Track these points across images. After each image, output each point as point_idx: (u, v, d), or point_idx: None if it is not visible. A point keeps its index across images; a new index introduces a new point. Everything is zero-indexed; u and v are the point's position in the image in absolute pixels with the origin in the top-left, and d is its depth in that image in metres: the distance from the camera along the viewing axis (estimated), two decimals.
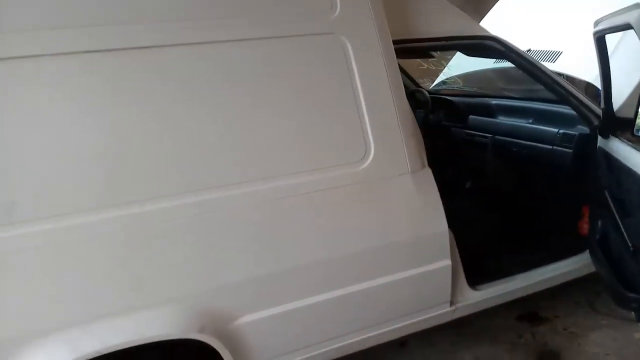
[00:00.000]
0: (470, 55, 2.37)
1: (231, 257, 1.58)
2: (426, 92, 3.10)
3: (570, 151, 2.35)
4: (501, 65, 3.03)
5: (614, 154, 2.02)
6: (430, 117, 3.24)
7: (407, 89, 3.46)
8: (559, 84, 2.17)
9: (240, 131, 1.57)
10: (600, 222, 2.17)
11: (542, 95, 2.58)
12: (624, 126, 2.13)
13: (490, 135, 2.87)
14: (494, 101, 3.15)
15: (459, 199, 3.10)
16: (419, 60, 3.34)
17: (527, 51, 3.00)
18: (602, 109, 2.16)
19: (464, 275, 2.07)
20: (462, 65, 3.40)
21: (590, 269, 2.37)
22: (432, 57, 2.87)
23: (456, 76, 3.45)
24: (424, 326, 2.06)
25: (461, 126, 3.13)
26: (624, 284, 1.79)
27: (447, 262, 1.93)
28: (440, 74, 3.54)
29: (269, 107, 1.61)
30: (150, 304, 1.48)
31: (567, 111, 2.37)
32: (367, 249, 1.76)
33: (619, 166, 1.92)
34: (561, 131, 2.44)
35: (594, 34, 1.92)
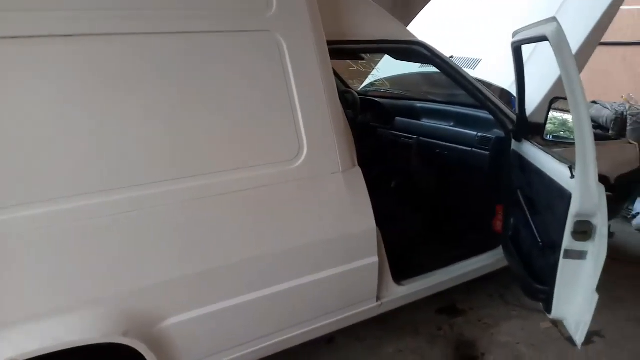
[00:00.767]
0: (399, 59, 2.47)
1: (155, 257, 1.53)
2: (355, 93, 3.19)
3: (487, 153, 2.53)
4: (426, 70, 3.19)
5: (525, 156, 2.21)
6: (358, 117, 3.33)
7: (337, 89, 3.54)
8: (478, 90, 2.33)
9: (168, 127, 1.53)
10: (512, 220, 2.36)
11: (463, 100, 2.75)
12: (535, 131, 2.34)
13: (415, 136, 3.01)
14: (419, 104, 3.31)
15: (385, 197, 3.23)
16: (350, 61, 3.42)
17: (450, 57, 3.17)
18: (516, 115, 2.34)
19: (390, 271, 2.16)
20: (390, 68, 3.53)
21: (502, 264, 2.57)
22: (362, 59, 2.95)
23: (384, 79, 3.57)
24: (352, 321, 2.12)
25: (388, 127, 3.25)
26: (533, 277, 1.96)
27: (375, 259, 2.00)
28: (369, 76, 3.65)
29: (199, 103, 1.58)
30: (69, 306, 1.40)
31: (485, 116, 2.54)
32: (298, 247, 1.79)
33: (530, 168, 2.10)
34: (479, 134, 2.61)
35: (512, 44, 2.08)
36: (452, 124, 3.01)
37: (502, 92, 2.80)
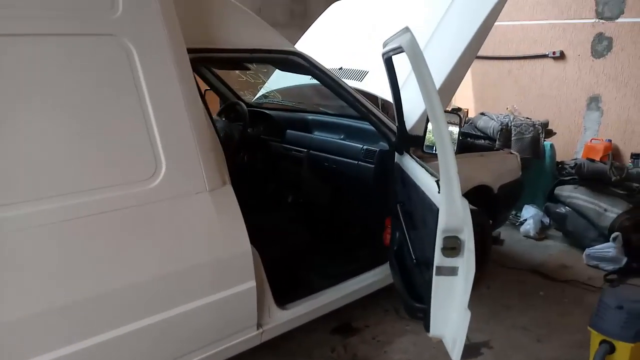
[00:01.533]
0: (279, 69, 2.39)
1: None
2: (244, 105, 3.07)
3: (372, 166, 2.52)
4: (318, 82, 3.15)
5: (405, 170, 2.21)
6: (248, 130, 3.21)
7: (227, 101, 3.41)
8: (359, 102, 2.30)
9: None
10: (397, 234, 2.35)
11: (354, 112, 2.73)
12: (416, 143, 2.36)
13: (305, 150, 2.94)
14: (311, 116, 3.26)
15: (277, 214, 3.14)
16: (238, 72, 3.31)
17: (339, 69, 3.16)
18: (396, 127, 2.35)
19: (272, 295, 2.05)
20: (281, 79, 3.46)
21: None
22: (247, 69, 2.85)
23: (276, 90, 3.49)
24: (231, 353, 1.97)
25: (279, 140, 3.16)
26: (411, 295, 1.95)
27: (251, 284, 1.87)
28: (262, 88, 3.55)
29: (32, 116, 1.38)
30: None
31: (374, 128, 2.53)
32: (161, 276, 1.62)
33: (409, 181, 2.09)
34: (365, 147, 2.60)
35: (382, 55, 2.07)
36: (342, 137, 2.99)
37: (389, 105, 2.82)
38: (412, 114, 2.52)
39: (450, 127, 2.35)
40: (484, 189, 3.00)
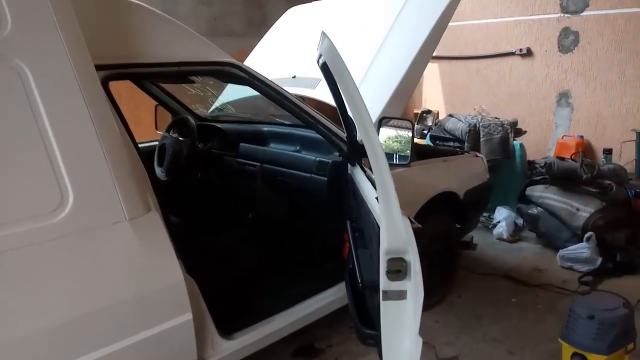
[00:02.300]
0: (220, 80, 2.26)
1: None
2: (192, 119, 2.92)
3: (325, 179, 2.39)
4: None
5: (356, 183, 2.08)
6: (199, 145, 3.06)
7: (177, 115, 3.26)
8: (304, 111, 2.18)
9: None
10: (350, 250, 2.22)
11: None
12: (366, 152, 2.23)
13: (258, 163, 2.80)
14: (266, 128, 3.13)
15: (229, 233, 3.00)
16: (185, 85, 3.16)
17: (293, 78, 3.04)
18: (346, 137, 2.22)
19: (215, 325, 1.90)
20: (235, 91, 3.32)
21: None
22: (190, 82, 2.70)
23: (230, 102, 3.35)
24: None
25: (232, 155, 3.01)
26: (362, 319, 1.81)
27: (187, 316, 1.72)
28: (216, 101, 3.41)
29: None
30: None
31: None
32: (77, 318, 1.46)
33: (359, 196, 1.96)
34: (317, 159, 2.47)
35: (317, 62, 1.94)
36: (297, 148, 2.86)
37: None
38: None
39: (402, 132, 2.24)
40: (449, 196, 2.88)
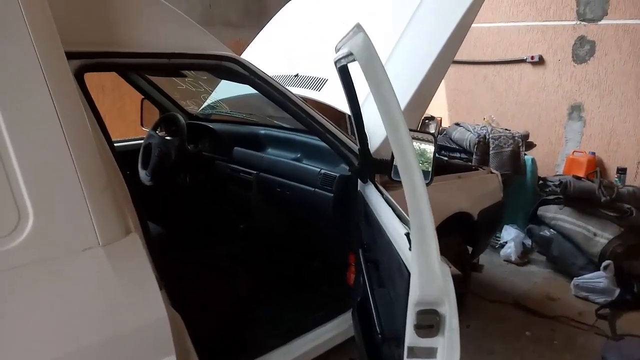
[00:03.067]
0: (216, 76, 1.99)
1: None
2: (181, 117, 2.65)
3: (331, 195, 2.14)
4: None
5: (369, 204, 1.83)
6: (189, 147, 2.79)
7: (165, 112, 2.98)
8: (311, 116, 1.93)
9: None
10: (361, 280, 1.97)
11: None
12: (382, 168, 1.99)
13: (254, 171, 2.54)
14: (263, 130, 2.86)
15: (219, 250, 2.74)
16: (176, 79, 2.89)
17: (295, 76, 2.78)
18: (358, 149, 1.98)
19: None
20: (229, 88, 3.05)
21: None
22: (182, 75, 2.43)
23: (222, 100, 3.08)
24: None
25: (225, 159, 2.75)
26: None
27: (171, 359, 1.46)
28: (209, 97, 3.13)
29: None
30: None
31: None
32: None
33: (373, 220, 1.72)
34: (322, 171, 2.22)
35: (335, 63, 1.69)
36: (298, 155, 2.60)
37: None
38: (378, 132, 2.16)
39: (422, 145, 2.00)
40: (462, 216, 2.65)
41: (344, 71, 1.67)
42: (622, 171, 4.22)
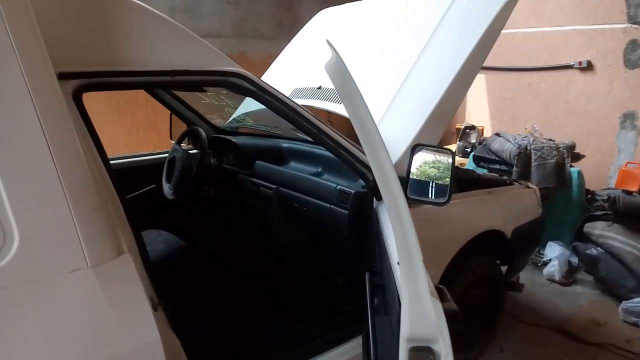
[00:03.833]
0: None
1: None
2: (203, 131, 2.65)
3: (346, 212, 2.06)
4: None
5: (380, 224, 1.74)
6: (211, 161, 2.79)
7: (191, 125, 3.00)
8: (321, 130, 1.86)
9: None
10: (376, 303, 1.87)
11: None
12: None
13: (274, 186, 2.50)
14: (285, 144, 2.82)
15: (235, 267, 2.71)
16: (199, 94, 2.91)
17: (318, 88, 2.74)
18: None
19: None
20: (253, 101, 3.03)
21: None
22: (200, 90, 2.43)
23: (246, 114, 3.07)
24: None
25: (247, 173, 2.72)
26: None
27: None
28: (230, 110, 3.13)
29: None
30: None
31: None
32: None
33: (382, 244, 1.62)
34: (338, 187, 2.15)
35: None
36: (319, 169, 2.54)
37: None
38: (396, 148, 2.08)
39: (441, 158, 1.88)
40: (493, 234, 2.50)
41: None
42: None
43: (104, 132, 3.69)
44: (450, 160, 1.83)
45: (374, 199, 1.95)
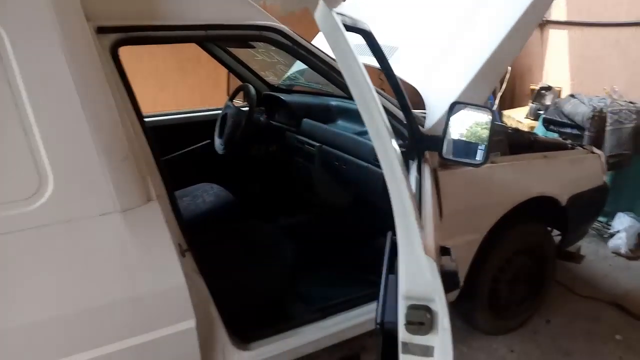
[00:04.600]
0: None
1: None
2: (252, 88, 2.69)
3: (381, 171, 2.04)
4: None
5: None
6: (261, 118, 2.84)
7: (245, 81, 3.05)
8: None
9: None
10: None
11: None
12: (432, 146, 1.85)
13: (317, 144, 2.51)
14: (334, 102, 2.81)
15: (278, 219, 2.78)
16: (251, 50, 2.93)
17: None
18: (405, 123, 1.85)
19: (227, 333, 1.70)
20: None
21: None
22: (249, 46, 2.45)
23: (298, 72, 3.06)
24: None
25: (294, 131, 2.75)
26: None
27: (190, 324, 1.53)
28: (282, 67, 3.14)
29: None
30: None
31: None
32: (53, 319, 1.32)
33: None
34: None
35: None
36: (365, 128, 2.51)
37: None
38: (438, 107, 2.00)
39: (481, 116, 1.79)
40: (545, 201, 2.37)
41: (369, 37, 1.56)
42: None
43: (168, 90, 3.91)
44: (489, 118, 1.75)
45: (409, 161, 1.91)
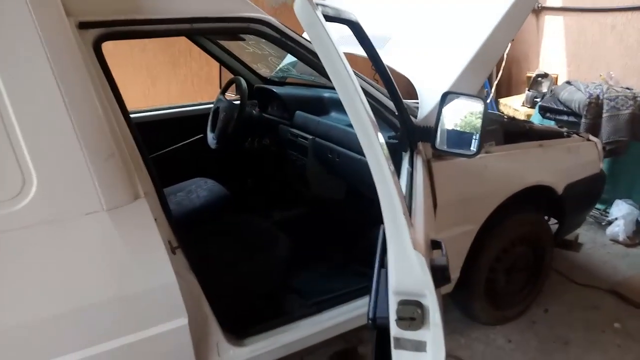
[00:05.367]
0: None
1: None
2: (243, 80, 2.66)
3: None
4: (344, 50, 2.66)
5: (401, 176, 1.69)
6: (253, 111, 2.81)
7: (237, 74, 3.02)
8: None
9: None
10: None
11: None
12: (424, 136, 1.84)
13: (310, 137, 2.49)
14: (327, 93, 2.78)
15: (272, 213, 2.76)
16: (242, 43, 2.89)
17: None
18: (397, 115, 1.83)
19: (221, 329, 1.69)
20: None
21: None
22: (239, 39, 2.42)
23: (289, 64, 3.03)
24: None
25: (287, 123, 2.72)
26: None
27: (182, 321, 1.52)
28: (274, 60, 3.10)
29: None
30: None
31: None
32: (38, 320, 1.31)
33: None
34: None
35: None
36: None
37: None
38: (429, 98, 1.98)
39: (474, 105, 1.77)
40: (542, 190, 2.35)
41: (357, 28, 1.54)
42: None
43: (160, 84, 3.87)
44: (481, 108, 1.73)
45: (402, 153, 1.89)
